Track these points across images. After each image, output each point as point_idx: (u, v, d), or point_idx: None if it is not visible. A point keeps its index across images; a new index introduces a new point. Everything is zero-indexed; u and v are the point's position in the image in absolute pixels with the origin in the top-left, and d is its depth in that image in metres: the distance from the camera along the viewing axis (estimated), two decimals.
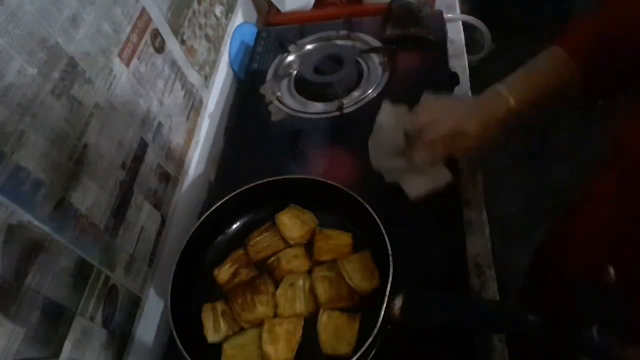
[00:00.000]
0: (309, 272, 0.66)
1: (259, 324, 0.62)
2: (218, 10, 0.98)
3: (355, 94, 0.90)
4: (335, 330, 0.59)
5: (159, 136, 0.74)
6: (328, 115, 0.89)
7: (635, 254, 0.52)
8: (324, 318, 0.61)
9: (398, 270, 0.56)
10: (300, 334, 0.60)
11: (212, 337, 0.62)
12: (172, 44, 0.80)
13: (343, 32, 1.01)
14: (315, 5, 1.14)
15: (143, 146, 0.70)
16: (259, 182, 0.70)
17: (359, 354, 0.52)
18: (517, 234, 1.54)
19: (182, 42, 0.83)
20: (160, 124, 0.75)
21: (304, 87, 0.94)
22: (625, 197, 0.53)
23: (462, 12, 1.14)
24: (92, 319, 0.56)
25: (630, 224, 0.52)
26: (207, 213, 0.69)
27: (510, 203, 1.68)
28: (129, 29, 0.67)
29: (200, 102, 0.90)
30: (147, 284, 0.69)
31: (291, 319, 0.62)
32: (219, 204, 0.69)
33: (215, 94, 0.97)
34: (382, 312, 0.53)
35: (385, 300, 0.54)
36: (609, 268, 0.53)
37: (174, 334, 0.57)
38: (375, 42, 0.98)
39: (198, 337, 0.62)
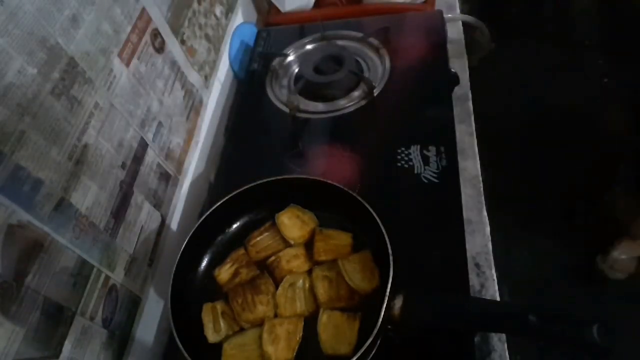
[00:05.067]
0: (309, 272, 0.66)
1: (259, 324, 0.62)
2: (218, 10, 0.98)
3: (355, 94, 0.90)
4: (335, 330, 0.59)
5: (159, 136, 0.74)
6: (328, 115, 0.89)
7: None
8: (324, 318, 0.61)
9: (398, 270, 0.56)
10: (301, 334, 0.60)
11: (212, 337, 0.62)
12: (172, 44, 0.80)
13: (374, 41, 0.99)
14: (315, 5, 1.14)
15: (143, 146, 0.70)
16: (259, 182, 0.70)
17: (359, 354, 0.52)
18: (517, 234, 1.54)
19: (182, 42, 0.83)
20: (160, 124, 0.75)
21: (304, 87, 0.94)
22: None
23: (462, 12, 1.14)
24: (92, 319, 0.56)
25: None
26: (207, 213, 0.69)
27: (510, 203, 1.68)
28: (129, 29, 0.67)
29: (200, 102, 0.90)
30: (147, 284, 0.69)
31: (291, 319, 0.62)
32: (219, 204, 0.69)
33: (215, 94, 0.97)
34: (382, 312, 0.53)
35: (385, 300, 0.54)
36: None
37: (174, 334, 0.57)
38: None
39: (198, 337, 0.62)
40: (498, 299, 0.66)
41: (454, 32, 1.04)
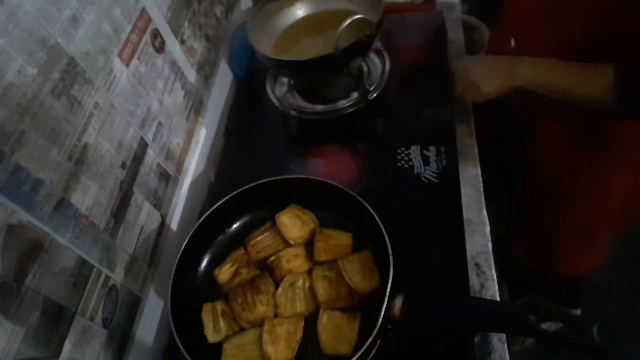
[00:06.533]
0: (309, 272, 0.66)
1: (259, 324, 0.62)
2: (218, 10, 0.98)
3: (355, 94, 0.90)
4: (335, 330, 0.59)
5: (159, 136, 0.74)
6: (328, 116, 0.89)
7: None
8: (324, 318, 0.61)
9: (398, 270, 0.56)
10: (301, 334, 0.60)
11: (212, 337, 0.62)
12: (172, 44, 0.80)
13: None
14: None
15: (143, 146, 0.70)
16: (259, 182, 0.70)
17: (359, 354, 0.52)
18: None
19: (182, 42, 0.83)
20: (160, 124, 0.75)
21: (304, 88, 0.93)
22: None
23: (462, 12, 1.14)
24: (92, 319, 0.56)
25: None
26: (207, 213, 0.69)
27: None
28: (129, 29, 0.67)
29: (200, 102, 0.90)
30: (147, 284, 0.69)
31: (291, 319, 0.62)
32: (219, 204, 0.69)
33: (215, 94, 0.97)
34: (382, 312, 0.53)
35: (385, 300, 0.54)
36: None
37: (174, 334, 0.57)
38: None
39: (198, 337, 0.62)
40: (498, 299, 0.66)
41: (454, 32, 1.04)
